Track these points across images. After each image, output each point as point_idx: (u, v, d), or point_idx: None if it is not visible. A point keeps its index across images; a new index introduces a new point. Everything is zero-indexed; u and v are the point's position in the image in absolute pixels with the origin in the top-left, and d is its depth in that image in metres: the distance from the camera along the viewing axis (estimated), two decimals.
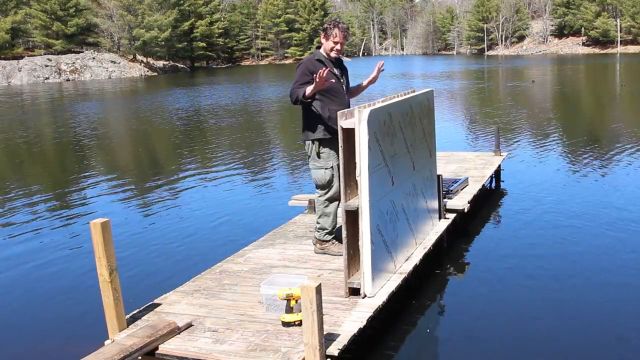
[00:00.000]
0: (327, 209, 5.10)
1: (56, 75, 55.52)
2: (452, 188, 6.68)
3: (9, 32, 58.66)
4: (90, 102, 30.70)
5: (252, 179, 10.74)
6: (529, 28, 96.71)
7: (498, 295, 5.20)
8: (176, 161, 12.75)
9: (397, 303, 4.68)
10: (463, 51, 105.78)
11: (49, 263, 6.44)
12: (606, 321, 4.62)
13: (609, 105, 21.14)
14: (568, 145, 12.69)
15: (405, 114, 5.01)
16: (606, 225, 6.88)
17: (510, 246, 6.40)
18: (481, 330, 4.59)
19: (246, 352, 3.61)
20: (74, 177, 11.65)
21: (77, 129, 19.17)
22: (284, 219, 6.58)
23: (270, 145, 14.79)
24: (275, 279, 4.27)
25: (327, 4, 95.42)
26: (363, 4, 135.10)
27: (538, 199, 8.11)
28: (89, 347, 3.76)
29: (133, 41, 66.29)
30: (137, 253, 6.61)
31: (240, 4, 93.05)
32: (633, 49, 77.28)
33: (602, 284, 5.28)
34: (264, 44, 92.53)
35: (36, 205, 9.25)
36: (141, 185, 10.58)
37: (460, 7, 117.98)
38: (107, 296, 3.89)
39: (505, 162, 9.35)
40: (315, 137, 4.97)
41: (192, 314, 4.15)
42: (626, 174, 9.55)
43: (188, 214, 8.21)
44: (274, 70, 63.16)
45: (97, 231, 3.78)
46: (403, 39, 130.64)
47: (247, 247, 5.62)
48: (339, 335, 3.75)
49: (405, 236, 4.96)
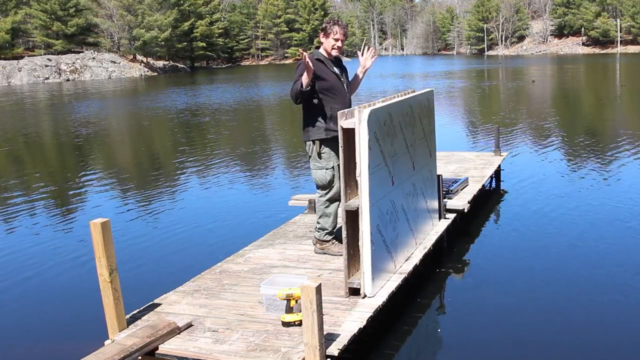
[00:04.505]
0: (327, 209, 5.10)
1: (56, 75, 55.54)
2: (452, 188, 6.69)
3: (9, 32, 58.75)
4: (90, 101, 30.70)
5: (252, 178, 10.75)
6: (529, 28, 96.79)
7: (498, 295, 5.20)
8: (176, 161, 12.75)
9: (397, 303, 4.68)
10: (463, 51, 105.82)
11: (49, 263, 6.43)
12: (607, 321, 4.62)
13: (609, 105, 21.14)
14: (568, 145, 12.69)
15: (406, 114, 5.00)
16: (606, 225, 6.88)
17: (510, 246, 6.40)
18: (481, 330, 4.60)
19: (246, 352, 3.61)
20: (74, 177, 11.65)
21: (77, 128, 19.16)
22: (284, 219, 6.58)
23: (270, 145, 14.79)
24: (275, 279, 4.27)
25: (327, 4, 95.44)
26: (363, 4, 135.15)
27: (538, 199, 8.11)
28: (89, 347, 3.76)
29: (133, 41, 66.33)
30: (137, 253, 6.61)
31: (240, 4, 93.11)
32: (633, 49, 77.34)
33: (602, 284, 5.28)
34: (264, 44, 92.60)
35: (36, 205, 9.25)
36: (141, 185, 10.58)
37: (460, 7, 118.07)
38: (107, 296, 3.89)
39: (505, 162, 9.35)
40: (316, 137, 4.96)
41: (192, 314, 4.14)
42: (626, 173, 9.54)
43: (188, 213, 8.21)
44: (274, 70, 63.18)
45: (97, 231, 3.78)
46: (403, 39, 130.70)
47: (247, 247, 5.62)
48: (339, 335, 3.75)
49: (405, 236, 4.96)
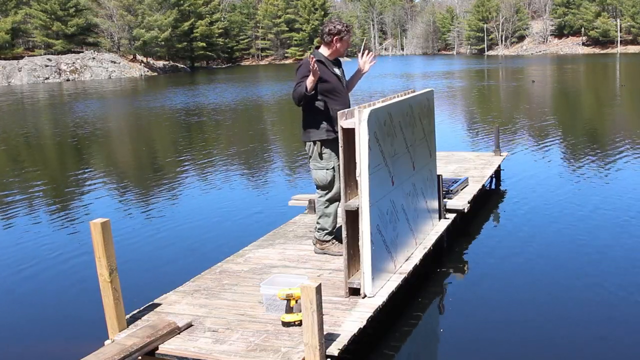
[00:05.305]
0: (327, 209, 5.10)
1: (56, 75, 55.54)
2: (452, 188, 6.69)
3: (9, 32, 58.74)
4: (90, 101, 30.69)
5: (252, 178, 10.75)
6: (529, 28, 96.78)
7: (498, 295, 5.20)
8: (176, 161, 12.75)
9: (397, 303, 4.68)
10: (463, 51, 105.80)
11: (49, 263, 6.43)
12: (607, 321, 4.61)
13: (609, 105, 21.13)
14: (568, 145, 12.69)
15: (406, 114, 5.01)
16: (606, 225, 6.88)
17: (510, 246, 6.39)
18: (481, 330, 4.60)
19: (246, 352, 3.61)
20: (74, 176, 11.65)
21: (77, 128, 19.16)
22: (284, 219, 6.58)
23: (270, 145, 14.79)
24: (275, 279, 4.27)
25: (327, 4, 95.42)
26: (363, 4, 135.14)
27: (538, 199, 8.11)
28: (89, 347, 3.76)
29: (133, 41, 66.32)
30: (137, 253, 6.61)
31: (240, 4, 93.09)
32: (633, 49, 77.33)
33: (603, 284, 5.28)
34: (264, 44, 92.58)
35: (36, 205, 9.25)
36: (141, 185, 10.58)
37: (460, 7, 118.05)
38: (107, 296, 3.89)
39: (505, 162, 9.35)
40: (317, 138, 4.96)
41: (192, 314, 4.14)
42: (626, 173, 9.54)
43: (188, 213, 8.21)
44: (274, 70, 63.17)
45: (97, 231, 3.78)
46: (403, 39, 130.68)
47: (247, 247, 5.62)
48: (339, 335, 3.75)
49: (405, 236, 4.96)
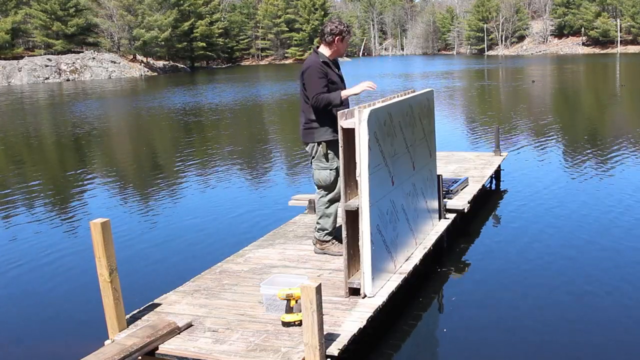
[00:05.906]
0: (328, 209, 5.10)
1: (56, 75, 55.53)
2: (452, 188, 6.68)
3: (9, 32, 58.73)
4: (89, 101, 30.69)
5: (252, 178, 10.75)
6: (529, 28, 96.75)
7: (498, 295, 5.20)
8: (176, 161, 12.75)
9: (397, 303, 4.68)
10: (463, 51, 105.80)
11: (49, 263, 6.44)
12: (607, 321, 4.62)
13: (609, 105, 21.14)
14: (568, 145, 12.69)
15: (406, 114, 5.01)
16: (606, 225, 6.88)
17: (510, 246, 6.39)
18: (481, 330, 4.59)
19: (246, 352, 3.61)
20: (74, 176, 11.65)
21: (76, 128, 19.16)
22: (284, 219, 6.58)
23: (270, 145, 14.79)
24: (275, 279, 4.27)
25: (327, 4, 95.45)
26: (363, 4, 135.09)
27: (538, 199, 8.11)
28: (89, 347, 3.76)
29: (133, 41, 66.31)
30: (137, 253, 6.61)
31: (240, 4, 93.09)
32: (633, 49, 77.31)
33: (603, 284, 5.28)
34: (264, 44, 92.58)
35: (36, 204, 9.25)
36: (141, 185, 10.58)
37: (460, 7, 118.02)
38: (107, 296, 3.89)
39: (505, 162, 9.34)
40: (323, 139, 4.97)
41: (192, 314, 4.15)
42: (626, 173, 9.54)
43: (188, 213, 8.21)
44: (274, 70, 63.17)
45: (97, 231, 3.78)
46: (403, 39, 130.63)
47: (247, 247, 5.62)
48: (339, 335, 3.75)
49: (405, 236, 4.96)
